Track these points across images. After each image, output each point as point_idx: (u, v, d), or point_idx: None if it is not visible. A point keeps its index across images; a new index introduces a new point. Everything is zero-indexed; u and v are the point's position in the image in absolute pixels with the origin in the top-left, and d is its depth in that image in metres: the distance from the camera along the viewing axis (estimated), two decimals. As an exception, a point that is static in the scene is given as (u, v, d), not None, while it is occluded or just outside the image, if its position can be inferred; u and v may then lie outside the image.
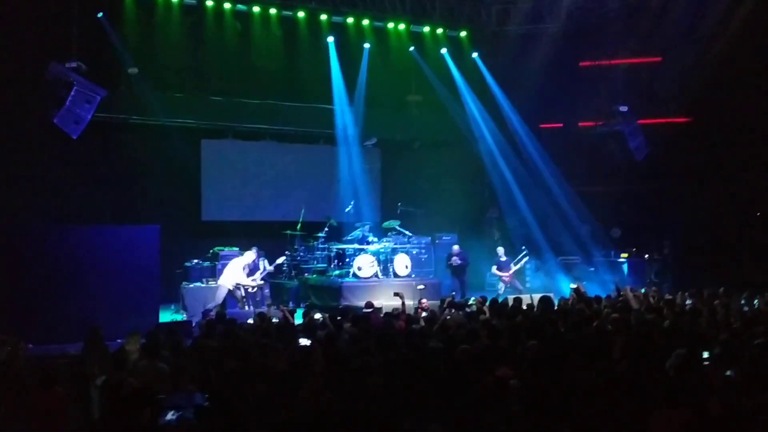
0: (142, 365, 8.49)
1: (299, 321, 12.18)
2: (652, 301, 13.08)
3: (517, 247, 19.01)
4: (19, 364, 9.34)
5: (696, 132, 19.69)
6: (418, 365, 7.68)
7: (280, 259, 17.04)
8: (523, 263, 18.72)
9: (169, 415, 6.49)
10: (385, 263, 18.20)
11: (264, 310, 14.10)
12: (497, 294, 17.45)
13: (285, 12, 19.79)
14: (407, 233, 19.18)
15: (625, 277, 18.90)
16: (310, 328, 10.63)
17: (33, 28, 16.29)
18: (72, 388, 7.67)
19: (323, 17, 20.15)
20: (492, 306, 12.66)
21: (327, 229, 19.01)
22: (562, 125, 22.06)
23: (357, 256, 17.99)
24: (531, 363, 7.72)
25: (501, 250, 18.76)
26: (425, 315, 12.30)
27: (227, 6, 19.14)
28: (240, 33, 19.50)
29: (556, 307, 12.83)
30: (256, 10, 19.49)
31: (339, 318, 11.61)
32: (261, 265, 16.27)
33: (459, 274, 18.70)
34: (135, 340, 10.20)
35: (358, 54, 20.89)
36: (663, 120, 20.33)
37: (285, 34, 19.96)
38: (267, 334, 10.09)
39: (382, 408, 6.37)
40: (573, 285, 14.97)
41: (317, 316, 12.01)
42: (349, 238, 18.74)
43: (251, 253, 16.15)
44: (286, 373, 7.49)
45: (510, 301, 13.35)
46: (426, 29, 21.49)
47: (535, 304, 13.23)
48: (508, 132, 22.08)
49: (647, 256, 20.41)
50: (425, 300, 14.89)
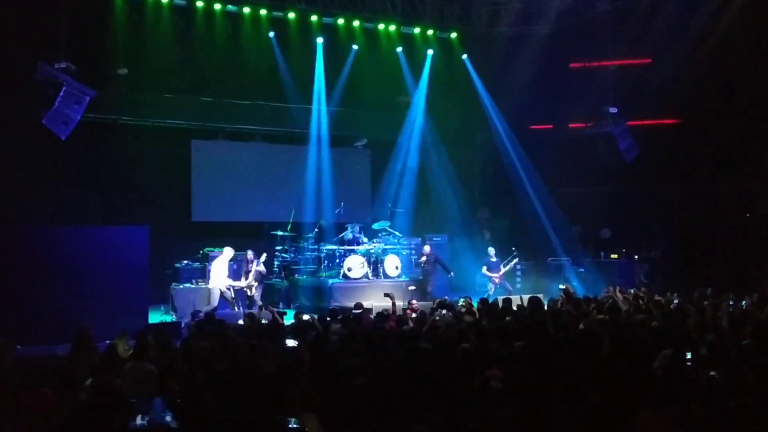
0: (130, 366, 8.46)
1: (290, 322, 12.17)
2: (641, 302, 13.10)
3: (507, 248, 19.00)
4: (7, 365, 9.31)
5: (685, 133, 19.76)
6: (406, 366, 7.69)
7: (262, 257, 16.80)
8: (513, 264, 18.73)
9: (139, 419, 6.46)
10: (375, 264, 18.21)
11: (254, 311, 14.11)
12: (487, 295, 17.47)
13: (275, 13, 19.77)
14: (397, 234, 19.18)
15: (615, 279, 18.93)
16: (298, 329, 10.62)
17: (22, 28, 16.20)
18: (60, 389, 7.63)
19: (313, 18, 20.14)
20: (481, 306, 12.66)
21: (317, 230, 19.00)
22: (551, 126, 22.12)
23: (347, 256, 18.00)
24: (519, 364, 7.74)
25: (492, 250, 18.76)
26: (415, 316, 12.30)
27: (217, 7, 19.12)
28: (230, 34, 19.46)
29: (545, 308, 12.86)
30: (246, 11, 19.47)
31: (328, 319, 11.60)
32: (254, 266, 16.19)
33: (428, 274, 18.31)
34: (123, 341, 10.19)
35: (348, 55, 20.89)
36: (652, 121, 20.40)
37: (275, 35, 19.93)
38: (255, 335, 10.08)
39: (369, 409, 6.37)
40: (562, 286, 15.00)
41: (306, 317, 12.01)
42: (340, 238, 18.74)
43: (229, 250, 16.05)
44: (273, 374, 7.48)
45: (499, 302, 13.37)
46: (416, 30, 21.51)
47: (525, 305, 13.26)
48: (496, 133, 22.14)
49: (637, 257, 20.48)
50: (415, 301, 14.91)
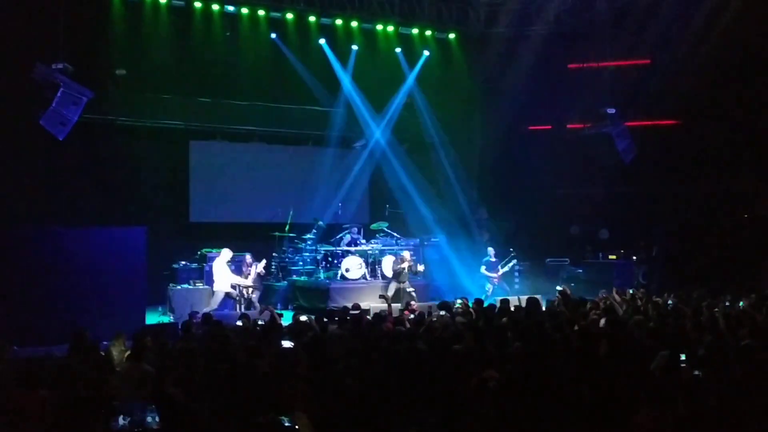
0: (127, 367, 8.46)
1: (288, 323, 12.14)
2: (639, 303, 13.08)
3: (506, 249, 18.98)
4: (4, 365, 9.30)
5: (684, 134, 19.78)
6: (402, 367, 7.68)
7: (262, 262, 16.79)
8: (511, 266, 18.69)
9: (121, 420, 6.43)
10: (373, 265, 18.20)
11: (253, 312, 14.10)
12: (485, 295, 17.46)
13: (273, 13, 19.78)
14: (395, 235, 19.16)
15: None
16: (295, 330, 10.60)
17: (19, 29, 16.21)
18: (57, 390, 7.62)
19: (312, 19, 20.15)
20: (475, 307, 12.64)
21: (315, 231, 18.99)
22: (550, 127, 22.12)
23: (345, 257, 17.99)
24: (516, 364, 7.73)
25: (491, 250, 18.70)
26: (412, 317, 12.28)
27: (215, 7, 19.14)
28: (228, 34, 19.46)
29: (543, 309, 12.83)
30: (244, 11, 19.49)
31: (325, 320, 11.58)
32: (253, 269, 16.17)
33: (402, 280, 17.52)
34: (120, 341, 10.18)
35: (346, 55, 20.89)
36: (651, 122, 20.42)
37: (276, 35, 19.94)
38: (252, 335, 10.06)
39: (364, 410, 6.36)
40: (559, 287, 14.97)
41: (303, 318, 12.00)
42: (338, 239, 18.73)
43: (227, 251, 16.04)
44: (268, 375, 7.47)
45: (498, 303, 13.36)
46: (414, 31, 21.51)
47: (523, 305, 13.23)
48: (495, 134, 22.17)
49: (635, 257, 20.46)
50: (414, 302, 14.91)
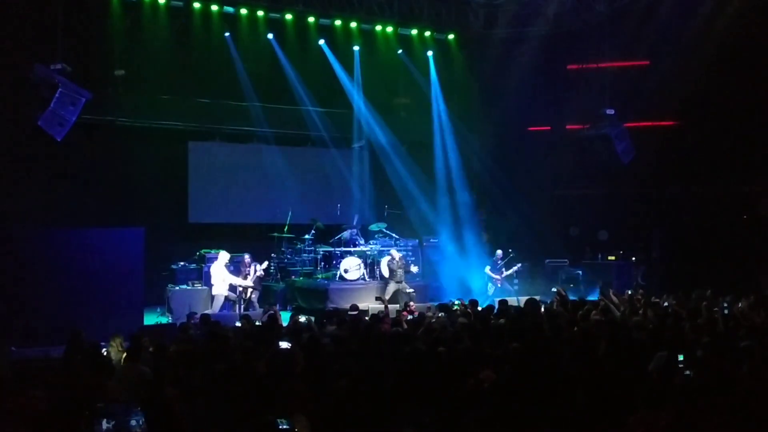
0: (123, 368, 8.45)
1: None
2: (637, 304, 13.06)
3: (505, 250, 18.94)
4: (3, 367, 9.32)
5: (683, 135, 19.77)
6: (399, 368, 7.67)
7: (264, 264, 16.84)
8: (514, 270, 18.61)
9: (104, 424, 6.40)
10: (372, 266, 18.18)
11: (254, 313, 14.13)
12: (487, 296, 17.48)
13: (272, 14, 19.77)
14: (394, 236, 19.14)
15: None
16: (293, 331, 10.60)
17: (18, 29, 16.21)
18: (53, 391, 7.61)
19: (311, 20, 20.13)
20: (472, 308, 12.64)
21: (314, 232, 18.99)
22: (549, 128, 22.11)
23: (344, 258, 17.99)
24: (513, 365, 7.72)
25: (500, 252, 18.60)
26: (410, 318, 12.28)
27: (214, 8, 19.12)
28: (227, 35, 19.45)
29: (541, 310, 12.81)
30: (243, 12, 19.47)
31: (323, 321, 11.59)
32: (252, 270, 16.17)
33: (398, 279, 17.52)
34: (118, 342, 10.18)
35: (345, 56, 20.89)
36: (650, 123, 20.41)
37: (273, 36, 19.94)
38: (249, 336, 10.06)
39: (361, 410, 6.35)
40: (554, 288, 14.94)
41: (302, 318, 12.01)
42: (336, 240, 18.71)
43: (224, 254, 16.07)
44: (265, 376, 7.46)
45: (496, 304, 13.37)
46: (414, 32, 21.51)
47: (521, 306, 13.22)
48: (494, 135, 22.19)
49: (634, 258, 20.46)
50: (413, 303, 14.90)
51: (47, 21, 16.26)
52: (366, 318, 12.19)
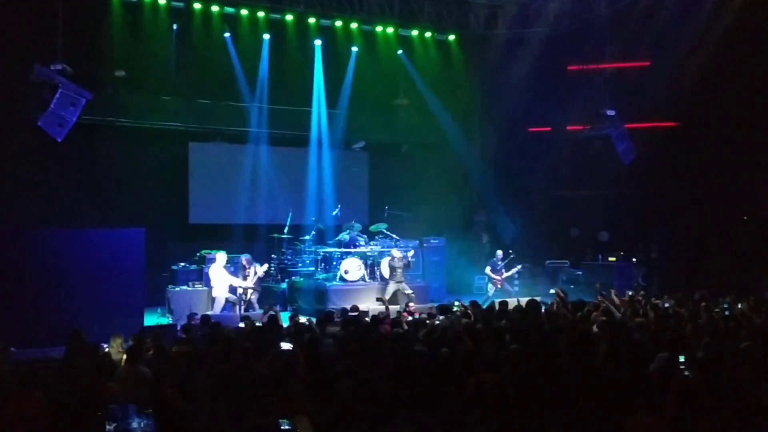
0: (124, 369, 8.43)
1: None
2: (638, 306, 13.04)
3: (505, 251, 18.91)
4: (4, 368, 9.29)
5: (683, 136, 19.72)
6: (399, 369, 7.66)
7: (264, 266, 16.84)
8: (515, 271, 18.57)
9: (107, 426, 6.40)
10: (372, 266, 18.17)
11: (255, 313, 14.13)
12: (486, 296, 17.45)
13: (273, 15, 19.77)
14: (394, 236, 19.11)
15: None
16: (294, 332, 10.59)
17: (17, 30, 16.20)
18: (53, 392, 7.60)
19: (311, 20, 20.14)
20: (472, 309, 12.62)
21: (314, 233, 18.98)
22: (550, 129, 22.06)
23: (344, 259, 17.97)
24: (514, 366, 7.71)
25: (500, 253, 18.52)
26: (410, 319, 12.27)
27: (215, 9, 19.12)
28: (227, 35, 19.46)
29: (542, 311, 12.79)
30: (243, 13, 19.47)
31: (324, 322, 11.57)
32: (252, 271, 16.18)
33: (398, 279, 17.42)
34: (117, 343, 10.17)
35: (346, 57, 20.90)
36: (650, 124, 20.36)
37: (273, 37, 19.94)
38: (250, 337, 10.05)
39: (361, 411, 6.34)
40: (552, 290, 14.91)
41: (303, 319, 12.00)
42: (337, 241, 18.71)
43: (222, 255, 16.13)
44: (267, 377, 7.46)
45: (497, 305, 13.35)
46: (414, 33, 21.50)
47: (523, 307, 13.19)
48: (494, 136, 22.20)
49: (635, 259, 20.44)
50: (413, 304, 14.88)
51: (48, 21, 16.26)
52: (366, 319, 12.17)
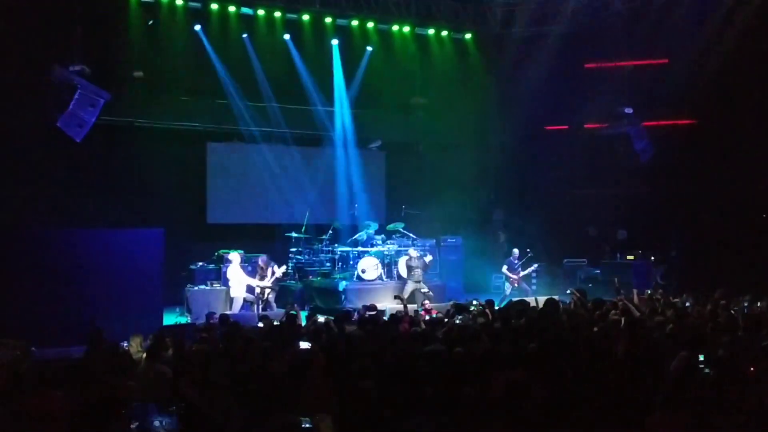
0: (143, 368, 8.48)
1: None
2: (657, 304, 12.97)
3: (523, 250, 18.86)
4: (26, 367, 9.37)
5: (701, 134, 19.62)
6: (419, 368, 7.66)
7: (283, 267, 16.89)
8: (531, 270, 18.51)
9: (131, 425, 6.43)
10: (389, 266, 18.18)
11: (272, 312, 14.18)
12: (504, 295, 17.41)
13: (290, 15, 19.82)
14: (411, 235, 19.11)
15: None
16: (312, 331, 10.61)
17: (37, 31, 16.29)
18: (74, 391, 7.65)
19: (328, 20, 20.17)
20: (489, 308, 12.59)
21: (331, 232, 19.00)
22: (567, 127, 21.99)
23: (361, 258, 18.00)
24: (533, 365, 7.70)
25: (516, 251, 18.48)
26: (428, 318, 12.26)
27: (232, 9, 19.18)
28: (244, 36, 19.51)
29: (561, 310, 12.74)
30: (260, 13, 19.52)
31: (342, 321, 11.58)
32: (269, 271, 16.24)
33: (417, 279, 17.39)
34: (137, 342, 10.24)
35: (363, 56, 20.91)
36: (668, 122, 20.26)
37: (290, 36, 19.98)
38: (268, 337, 10.07)
39: (381, 410, 6.35)
40: (569, 290, 14.85)
41: (320, 319, 12.02)
42: (354, 240, 18.72)
43: (236, 255, 16.23)
44: (285, 376, 7.47)
45: (515, 304, 13.32)
46: (431, 32, 21.50)
47: (540, 306, 13.15)
48: (511, 134, 22.18)
49: (653, 258, 20.33)
50: (428, 302, 14.87)
51: (66, 23, 16.38)
52: (384, 318, 12.18)
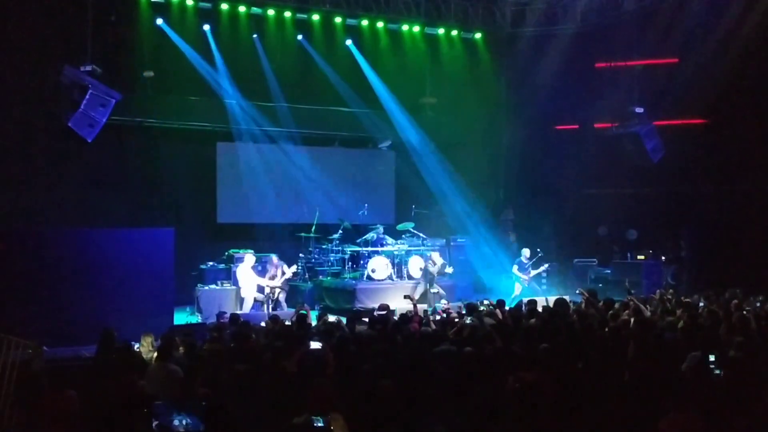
0: (154, 367, 8.51)
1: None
2: (668, 304, 12.94)
3: (533, 250, 18.82)
4: (38, 366, 9.42)
5: (712, 133, 19.56)
6: (430, 367, 7.66)
7: (293, 267, 16.95)
8: (541, 270, 18.46)
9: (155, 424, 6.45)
10: (400, 265, 18.17)
11: (283, 312, 14.20)
12: (514, 296, 17.38)
13: (299, 15, 19.82)
14: (421, 235, 19.10)
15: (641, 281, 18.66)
16: (323, 330, 10.62)
17: (48, 31, 16.38)
18: (85, 390, 7.68)
19: (338, 20, 20.17)
20: (500, 308, 12.59)
21: (341, 232, 18.99)
22: (577, 127, 21.95)
23: (371, 258, 17.98)
24: (544, 365, 7.68)
25: (527, 251, 18.38)
26: (438, 318, 12.27)
27: (242, 9, 19.19)
28: (254, 36, 19.53)
29: (571, 310, 12.73)
30: (270, 13, 19.52)
31: (353, 320, 11.59)
32: (280, 271, 16.27)
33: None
34: (148, 342, 10.27)
35: (373, 56, 20.90)
36: (679, 121, 20.19)
37: (302, 37, 20.01)
38: (279, 336, 10.09)
39: (392, 410, 6.34)
40: (578, 291, 14.82)
41: (331, 318, 12.02)
42: (364, 240, 18.72)
43: (250, 255, 16.27)
44: (296, 375, 7.48)
45: (525, 304, 13.31)
46: (440, 31, 21.47)
47: (551, 306, 13.13)
48: (521, 134, 22.16)
49: (664, 258, 20.28)
50: (445, 301, 14.86)
51: (77, 23, 16.43)
52: (395, 318, 12.17)
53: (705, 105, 19.41)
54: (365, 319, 12.05)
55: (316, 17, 19.88)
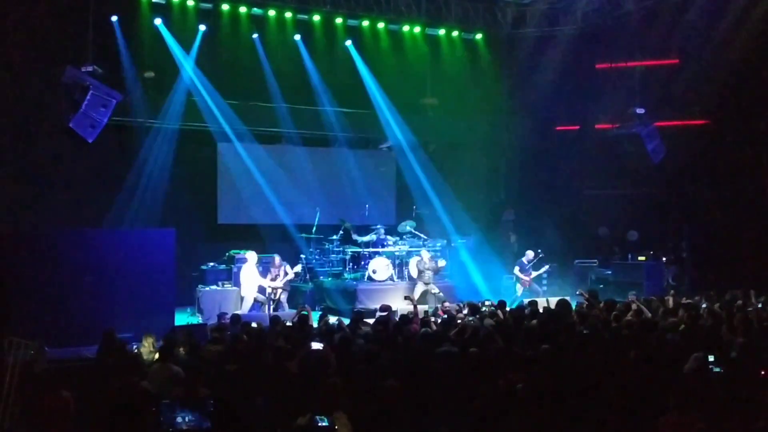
0: (156, 368, 8.50)
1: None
2: (670, 305, 12.94)
3: (534, 251, 18.80)
4: (40, 367, 9.42)
5: (713, 134, 19.57)
6: (431, 368, 7.66)
7: (297, 267, 16.98)
8: (543, 271, 18.44)
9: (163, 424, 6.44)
10: (400, 266, 18.16)
11: (283, 313, 14.19)
12: (515, 297, 17.36)
13: (300, 15, 19.81)
14: (422, 236, 19.11)
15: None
16: (324, 331, 10.62)
17: (49, 32, 16.36)
18: (86, 391, 7.67)
19: (338, 21, 20.16)
20: (502, 309, 12.58)
21: (342, 232, 19.00)
22: (578, 127, 21.96)
23: (372, 258, 17.99)
24: (545, 366, 7.68)
25: (530, 253, 18.26)
26: (440, 320, 12.26)
27: (242, 10, 19.18)
28: (255, 36, 19.52)
29: (573, 311, 12.73)
30: (271, 13, 19.51)
31: (354, 321, 11.60)
32: (282, 271, 16.27)
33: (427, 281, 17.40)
34: (149, 342, 10.27)
35: (374, 57, 20.88)
36: (680, 122, 20.21)
37: (301, 37, 20.00)
38: (281, 336, 10.08)
39: (394, 411, 6.34)
40: (578, 292, 14.82)
41: (332, 319, 12.02)
42: (364, 240, 18.71)
43: (252, 255, 16.25)
44: (297, 376, 7.48)
45: (526, 305, 13.30)
46: (441, 32, 21.46)
47: (552, 307, 13.13)
48: (522, 134, 22.15)
49: (665, 259, 20.27)
50: (447, 303, 14.86)
51: (78, 24, 16.42)
52: (396, 319, 12.17)
53: (706, 106, 19.45)
54: (367, 320, 12.03)
55: (316, 18, 19.86)
